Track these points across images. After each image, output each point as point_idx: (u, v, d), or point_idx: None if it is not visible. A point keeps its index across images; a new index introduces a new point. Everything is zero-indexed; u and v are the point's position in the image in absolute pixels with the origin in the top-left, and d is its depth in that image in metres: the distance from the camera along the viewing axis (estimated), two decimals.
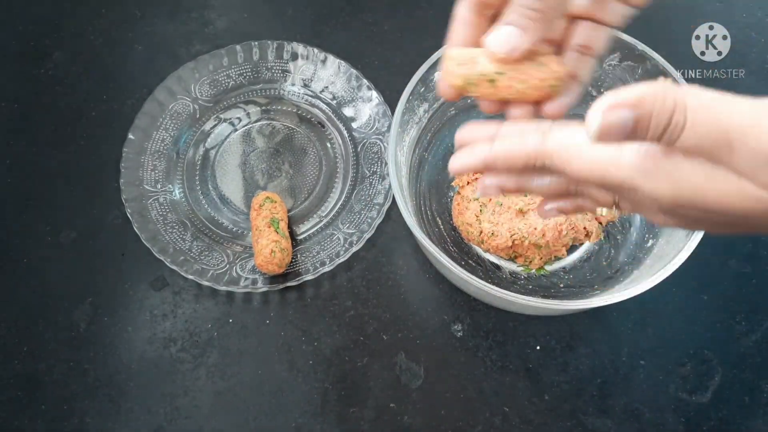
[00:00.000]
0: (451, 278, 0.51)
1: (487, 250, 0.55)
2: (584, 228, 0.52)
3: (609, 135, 0.25)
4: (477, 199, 0.54)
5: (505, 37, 0.32)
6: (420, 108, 0.54)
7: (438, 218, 0.56)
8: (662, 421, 0.50)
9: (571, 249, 0.55)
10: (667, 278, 0.43)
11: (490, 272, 0.54)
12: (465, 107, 0.58)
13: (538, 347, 0.52)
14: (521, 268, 0.54)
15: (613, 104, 0.25)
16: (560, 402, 0.50)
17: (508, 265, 0.55)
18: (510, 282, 0.54)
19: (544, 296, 0.52)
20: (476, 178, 0.56)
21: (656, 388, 0.51)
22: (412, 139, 0.55)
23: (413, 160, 0.56)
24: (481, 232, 0.53)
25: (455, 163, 0.35)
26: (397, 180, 0.48)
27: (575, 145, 0.30)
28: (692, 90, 0.25)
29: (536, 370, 0.52)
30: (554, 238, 0.52)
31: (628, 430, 0.49)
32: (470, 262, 0.54)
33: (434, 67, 0.52)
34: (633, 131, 0.25)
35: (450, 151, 0.59)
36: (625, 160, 0.28)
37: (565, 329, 0.53)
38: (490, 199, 0.54)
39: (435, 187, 0.58)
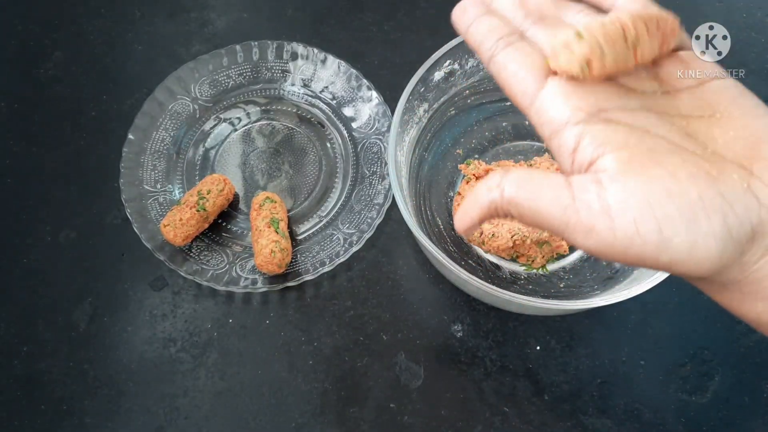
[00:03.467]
0: (451, 278, 0.51)
1: (488, 251, 0.55)
2: None
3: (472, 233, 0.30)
4: None
5: None
6: (420, 108, 0.54)
7: (438, 218, 0.56)
8: (662, 421, 0.50)
9: (572, 247, 0.55)
10: (667, 278, 0.43)
11: (490, 272, 0.54)
12: (465, 107, 0.58)
13: (538, 347, 0.52)
14: (523, 268, 0.54)
15: (467, 227, 0.29)
16: (560, 402, 0.50)
17: (508, 265, 0.55)
18: (510, 282, 0.54)
19: (544, 296, 0.52)
20: (477, 177, 0.56)
21: (656, 388, 0.51)
22: (412, 139, 0.55)
23: (413, 160, 0.56)
24: (481, 233, 0.53)
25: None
26: (397, 180, 0.48)
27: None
28: (515, 198, 0.27)
29: (536, 370, 0.52)
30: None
31: (628, 430, 0.49)
32: (470, 262, 0.54)
33: (434, 67, 0.52)
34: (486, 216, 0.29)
35: (450, 151, 0.59)
36: None
37: (565, 329, 0.53)
38: None
39: (435, 187, 0.57)
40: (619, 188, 0.25)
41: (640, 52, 0.28)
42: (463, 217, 0.29)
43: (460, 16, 0.33)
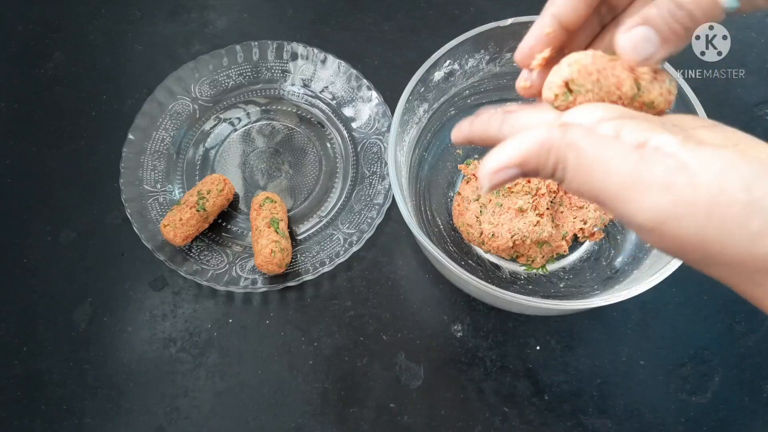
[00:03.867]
0: (451, 278, 0.51)
1: (488, 251, 0.55)
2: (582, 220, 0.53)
3: (498, 187, 0.26)
4: (477, 200, 0.54)
5: (642, 40, 0.27)
6: (420, 108, 0.54)
7: (438, 218, 0.56)
8: (662, 421, 0.50)
9: (572, 248, 0.55)
10: (667, 278, 0.43)
11: (489, 272, 0.54)
12: (465, 107, 0.58)
13: (538, 347, 0.52)
14: (523, 268, 0.54)
15: (498, 167, 0.26)
16: (560, 402, 0.50)
17: (508, 265, 0.55)
18: (510, 282, 0.54)
19: (544, 296, 0.52)
20: (469, 180, 0.56)
21: (656, 388, 0.51)
22: (412, 139, 0.55)
23: (413, 160, 0.55)
24: (481, 233, 0.53)
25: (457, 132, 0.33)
26: (397, 180, 0.48)
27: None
28: (578, 143, 0.24)
29: (536, 370, 0.51)
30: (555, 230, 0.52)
31: (627, 430, 0.49)
32: (470, 262, 0.54)
33: (434, 67, 0.52)
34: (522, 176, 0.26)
35: (450, 151, 0.59)
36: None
37: (565, 329, 0.53)
38: (490, 200, 0.54)
39: (435, 187, 0.57)
40: (691, 153, 0.22)
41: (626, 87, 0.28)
42: (499, 158, 0.26)
43: (458, 130, 0.33)
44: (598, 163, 0.23)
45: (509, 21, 0.51)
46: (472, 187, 0.55)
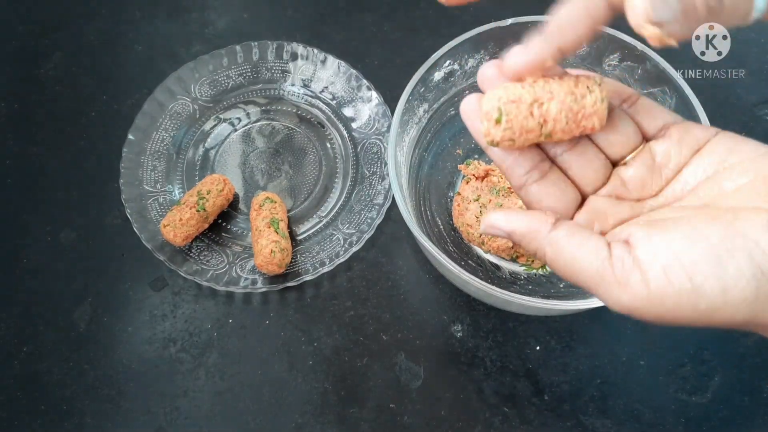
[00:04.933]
0: (451, 278, 0.51)
1: (488, 251, 0.55)
2: None
3: (491, 233, 0.31)
4: (477, 200, 0.54)
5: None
6: (420, 108, 0.54)
7: (438, 218, 0.56)
8: (662, 421, 0.50)
9: None
10: None
11: (489, 272, 0.54)
12: None
13: (538, 347, 0.52)
14: (523, 268, 0.54)
15: (495, 226, 0.30)
16: (560, 402, 0.50)
17: (508, 265, 0.55)
18: (510, 282, 0.54)
19: (544, 296, 0.52)
20: (477, 177, 0.56)
21: (656, 388, 0.51)
22: (412, 139, 0.55)
23: (413, 160, 0.55)
24: (481, 233, 0.53)
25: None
26: (397, 180, 0.48)
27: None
28: (558, 242, 0.28)
29: (536, 370, 0.51)
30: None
31: (628, 430, 0.49)
32: (470, 262, 0.54)
33: (434, 67, 0.52)
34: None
35: (450, 151, 0.59)
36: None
37: (565, 329, 0.53)
38: (491, 200, 0.54)
39: (435, 188, 0.57)
40: (646, 244, 0.26)
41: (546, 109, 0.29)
42: (498, 220, 0.30)
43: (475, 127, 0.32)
44: (573, 261, 0.27)
45: (509, 21, 0.51)
46: (473, 187, 0.55)
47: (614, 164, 0.32)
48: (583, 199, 0.32)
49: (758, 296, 0.24)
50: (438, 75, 0.53)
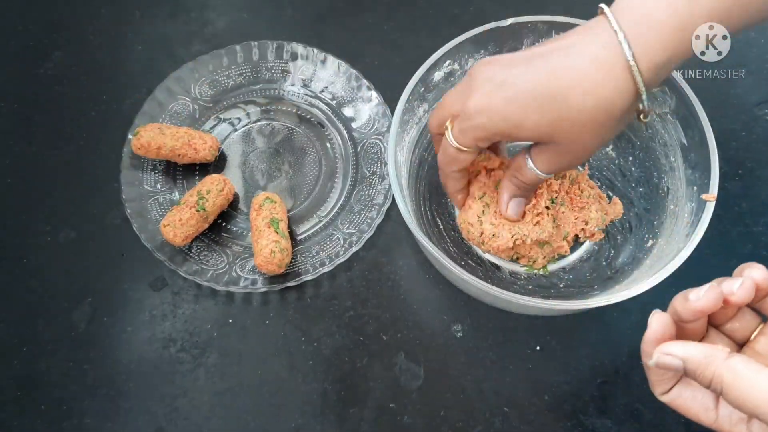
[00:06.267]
0: (451, 278, 0.51)
1: (487, 251, 0.55)
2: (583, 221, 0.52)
3: (665, 369, 0.34)
4: (482, 198, 0.54)
5: (518, 206, 0.48)
6: (420, 108, 0.54)
7: (438, 218, 0.56)
8: (662, 421, 0.50)
9: (572, 248, 0.55)
10: (667, 278, 0.43)
11: (489, 272, 0.54)
12: None
13: (538, 347, 0.52)
14: (524, 268, 0.54)
15: (666, 351, 0.33)
16: (560, 402, 0.50)
17: (508, 265, 0.55)
18: (510, 282, 0.54)
19: (544, 296, 0.52)
20: (488, 170, 0.55)
21: None
22: (412, 139, 0.55)
23: (413, 160, 0.55)
24: (482, 233, 0.53)
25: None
26: (397, 180, 0.48)
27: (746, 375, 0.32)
28: (736, 366, 0.30)
29: (536, 370, 0.51)
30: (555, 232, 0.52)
31: (627, 430, 0.49)
32: (470, 262, 0.54)
33: (434, 67, 0.52)
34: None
35: None
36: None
37: (565, 329, 0.53)
38: (494, 197, 0.53)
39: (435, 187, 0.57)
40: None
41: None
42: (673, 347, 0.33)
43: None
44: (752, 388, 0.29)
45: (509, 21, 0.51)
46: (480, 182, 0.54)
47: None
48: None
49: None
50: (438, 75, 0.53)
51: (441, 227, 0.56)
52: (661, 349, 0.33)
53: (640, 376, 0.51)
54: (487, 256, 0.55)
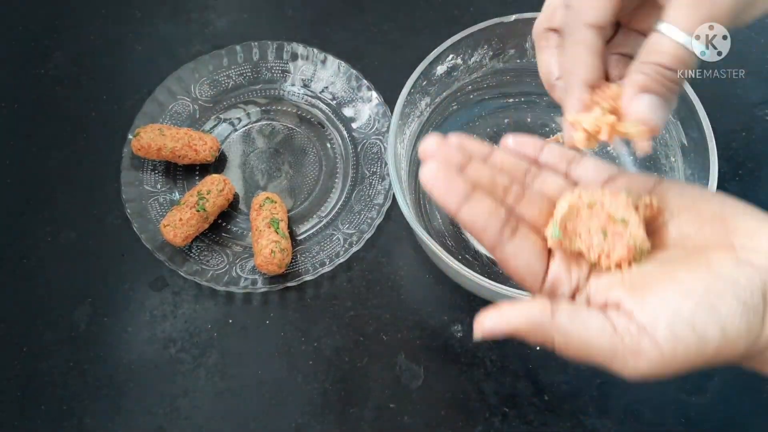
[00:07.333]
0: (450, 273, 0.51)
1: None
2: None
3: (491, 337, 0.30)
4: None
5: (652, 108, 0.31)
6: (422, 101, 0.54)
7: (437, 212, 0.56)
8: (662, 421, 0.50)
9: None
10: None
11: (487, 267, 0.54)
12: (467, 103, 0.58)
13: (538, 347, 0.52)
14: None
15: (493, 330, 0.29)
16: (560, 402, 0.50)
17: None
18: (507, 277, 0.54)
19: None
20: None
21: (656, 388, 0.51)
22: (413, 132, 0.55)
23: (413, 155, 0.56)
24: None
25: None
26: (397, 173, 0.48)
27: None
28: (563, 326, 0.28)
29: (536, 370, 0.51)
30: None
31: (627, 430, 0.49)
32: (467, 257, 0.55)
33: (437, 60, 0.52)
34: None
35: None
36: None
37: None
38: None
39: None
40: (644, 308, 0.27)
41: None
42: (495, 322, 0.29)
43: (442, 191, 0.30)
44: (583, 345, 0.28)
45: (512, 17, 0.52)
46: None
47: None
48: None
49: (750, 330, 0.27)
50: (441, 69, 0.53)
51: (440, 221, 0.56)
52: (484, 326, 0.29)
53: None
54: (484, 252, 0.55)
